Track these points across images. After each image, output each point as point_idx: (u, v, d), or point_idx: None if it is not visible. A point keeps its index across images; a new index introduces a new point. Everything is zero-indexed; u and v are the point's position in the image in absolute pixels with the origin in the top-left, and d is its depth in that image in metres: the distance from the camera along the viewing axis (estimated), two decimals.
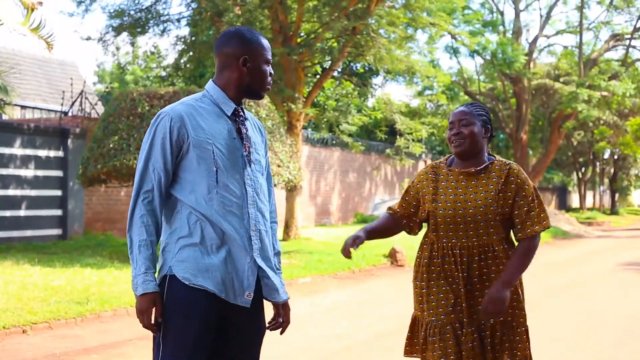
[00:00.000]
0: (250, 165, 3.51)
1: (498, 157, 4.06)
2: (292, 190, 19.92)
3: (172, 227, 3.44)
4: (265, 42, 3.57)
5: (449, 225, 3.93)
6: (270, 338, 8.46)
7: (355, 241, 3.99)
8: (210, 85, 3.56)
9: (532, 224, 3.91)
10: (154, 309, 3.33)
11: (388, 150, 27.76)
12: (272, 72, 3.62)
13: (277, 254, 3.66)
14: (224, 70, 3.53)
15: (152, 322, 3.33)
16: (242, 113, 3.56)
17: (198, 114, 3.44)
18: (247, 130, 3.55)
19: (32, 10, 10.60)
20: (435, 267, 3.96)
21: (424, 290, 3.97)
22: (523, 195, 3.92)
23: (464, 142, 3.97)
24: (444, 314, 3.89)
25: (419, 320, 4.04)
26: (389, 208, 4.25)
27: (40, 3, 10.59)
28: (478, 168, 3.97)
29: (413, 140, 25.12)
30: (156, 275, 3.39)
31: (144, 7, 22.47)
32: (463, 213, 3.90)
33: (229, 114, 3.50)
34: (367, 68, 31.23)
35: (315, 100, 25.94)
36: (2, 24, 10.68)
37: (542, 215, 3.93)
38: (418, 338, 4.03)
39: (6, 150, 18.00)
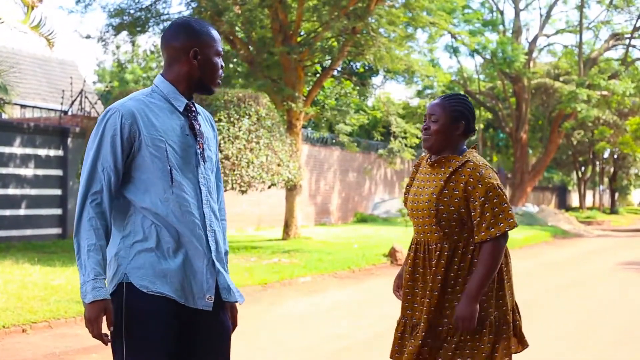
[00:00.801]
0: (204, 163, 3.36)
1: (470, 153, 3.87)
2: (291, 189, 19.93)
3: (124, 230, 3.26)
4: (215, 34, 3.42)
5: (412, 218, 3.97)
6: (271, 338, 8.48)
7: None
8: (159, 79, 3.38)
9: (488, 226, 3.69)
10: (104, 318, 3.13)
11: (381, 151, 27.80)
12: (223, 64, 3.48)
13: (226, 253, 3.48)
14: (173, 64, 3.35)
15: (102, 331, 3.14)
16: (194, 108, 3.41)
17: (149, 110, 3.27)
18: (200, 126, 3.39)
19: (32, 8, 10.60)
20: (409, 261, 3.98)
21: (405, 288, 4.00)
22: (476, 195, 3.72)
23: (430, 138, 3.89)
24: (405, 310, 3.95)
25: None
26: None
27: (40, 1, 10.58)
28: (432, 160, 3.91)
29: (406, 145, 25.17)
30: (106, 282, 3.22)
31: (143, 6, 22.46)
32: (417, 206, 3.90)
33: (181, 110, 3.34)
34: (367, 67, 31.21)
35: (315, 99, 25.93)
36: (2, 22, 10.67)
37: (500, 216, 3.69)
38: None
39: (6, 150, 18.00)
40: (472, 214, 3.74)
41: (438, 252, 3.80)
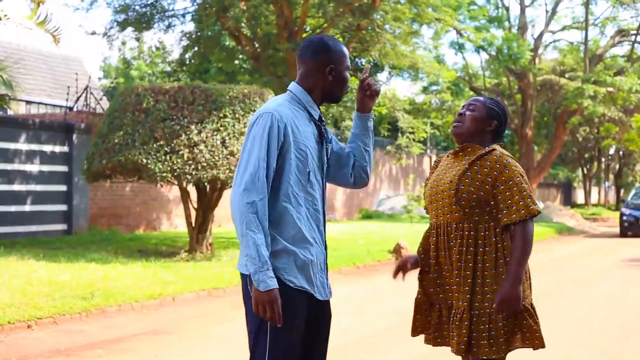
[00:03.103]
0: (328, 169, 3.83)
1: (496, 146, 4.01)
2: None
3: (272, 228, 3.55)
4: (346, 51, 3.81)
5: (431, 204, 4.03)
6: None
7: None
8: (296, 88, 3.73)
9: (518, 208, 3.82)
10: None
11: (389, 147, 27.74)
12: (350, 78, 3.88)
13: None
14: (309, 76, 3.72)
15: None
16: (322, 118, 3.79)
17: (294, 116, 3.63)
18: (327, 134, 3.82)
19: (39, 4, 10.60)
20: (432, 246, 4.06)
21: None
22: (503, 179, 3.84)
23: (462, 125, 4.04)
24: (437, 294, 4.03)
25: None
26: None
27: None
28: (458, 147, 4.04)
29: (414, 140, 25.15)
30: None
31: (149, 2, 22.48)
32: (436, 190, 3.99)
33: (316, 117, 3.73)
34: (372, 63, 31.19)
35: None
36: (8, 18, 10.68)
37: (528, 199, 3.84)
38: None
39: (11, 146, 18.02)
40: (499, 197, 3.85)
41: (460, 232, 3.87)
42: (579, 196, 70.96)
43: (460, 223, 3.88)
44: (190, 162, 13.85)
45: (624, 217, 28.11)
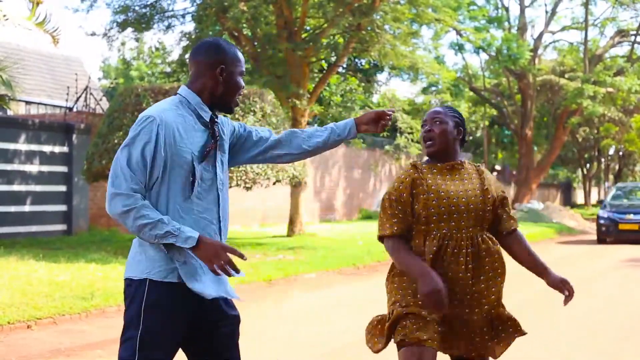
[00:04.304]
0: (221, 167, 3.62)
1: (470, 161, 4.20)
2: (296, 186, 19.92)
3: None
4: (241, 56, 3.62)
5: (443, 216, 3.91)
6: (276, 334, 8.47)
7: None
8: (185, 90, 3.57)
9: (513, 218, 4.14)
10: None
11: (387, 147, 27.75)
12: (244, 86, 3.66)
13: None
14: (199, 77, 3.55)
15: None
16: (216, 120, 3.60)
17: (179, 121, 3.46)
18: (222, 131, 3.65)
19: (37, 4, 10.60)
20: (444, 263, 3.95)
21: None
22: (502, 191, 4.10)
23: (434, 143, 4.01)
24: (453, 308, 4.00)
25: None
26: (394, 236, 3.99)
27: None
28: (459, 160, 4.07)
29: (412, 140, 25.16)
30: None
31: (148, 3, 22.47)
32: (457, 202, 3.92)
33: (207, 119, 3.54)
34: (372, 64, 31.19)
35: (320, 95, 25.92)
36: (7, 19, 10.67)
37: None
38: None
39: (11, 146, 18.02)
40: (499, 210, 4.06)
41: (481, 241, 3.95)
42: (579, 196, 70.96)
43: (481, 234, 3.96)
44: None
45: (602, 221, 24.55)
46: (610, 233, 24.23)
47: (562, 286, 4.16)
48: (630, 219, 24.01)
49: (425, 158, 4.16)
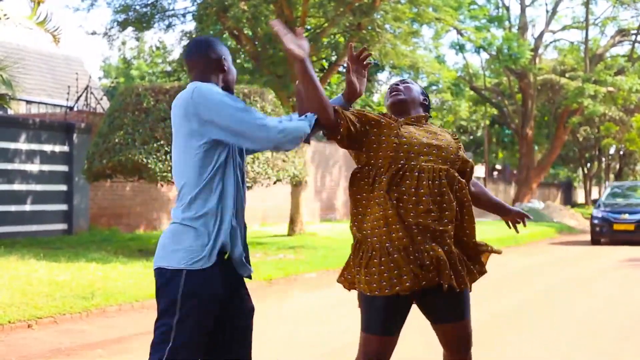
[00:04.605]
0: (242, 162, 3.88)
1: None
2: (297, 185, 19.92)
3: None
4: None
5: (414, 147, 3.90)
6: (276, 334, 8.46)
7: None
8: (210, 86, 3.70)
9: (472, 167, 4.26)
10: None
11: None
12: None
13: None
14: (207, 73, 3.80)
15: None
16: None
17: None
18: None
19: (39, 4, 10.60)
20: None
21: None
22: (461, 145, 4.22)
23: (402, 93, 4.12)
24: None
25: None
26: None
27: None
28: (412, 118, 4.08)
29: None
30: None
31: (149, 2, 22.47)
32: (427, 142, 3.95)
33: None
34: (372, 63, 31.19)
35: None
36: (8, 18, 10.68)
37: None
38: None
39: (11, 145, 18.01)
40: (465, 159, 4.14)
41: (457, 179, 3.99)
42: (580, 196, 70.95)
43: (452, 175, 3.96)
44: None
45: (596, 221, 23.55)
46: (604, 234, 23.39)
47: (518, 217, 4.45)
48: (626, 219, 23.20)
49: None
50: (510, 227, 4.56)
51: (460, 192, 3.95)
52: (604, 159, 60.70)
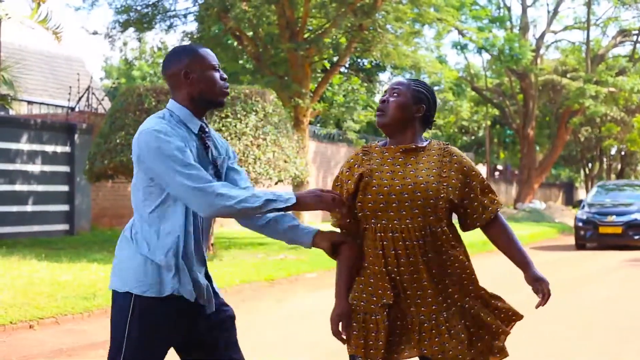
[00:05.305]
0: (219, 178, 3.56)
1: (438, 141, 3.68)
2: (298, 185, 19.92)
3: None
4: (203, 51, 3.55)
5: (380, 205, 3.50)
6: (278, 334, 8.46)
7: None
8: (173, 104, 3.56)
9: (487, 206, 3.60)
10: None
11: None
12: (225, 76, 3.60)
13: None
14: (175, 89, 3.54)
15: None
16: (207, 129, 3.57)
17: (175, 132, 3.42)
18: (211, 145, 3.58)
19: (40, 3, 10.61)
20: (369, 255, 3.59)
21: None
22: (474, 175, 3.59)
23: (385, 114, 3.61)
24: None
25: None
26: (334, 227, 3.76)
27: None
28: (420, 145, 3.59)
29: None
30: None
31: (150, 3, 22.50)
32: (400, 190, 3.47)
33: (195, 132, 3.51)
34: (374, 64, 31.21)
35: (323, 95, 25.90)
36: (9, 17, 10.69)
37: (493, 194, 3.66)
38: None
39: (13, 146, 18.02)
40: (472, 196, 3.57)
41: (422, 235, 3.48)
42: (581, 196, 70.88)
43: (426, 227, 3.49)
44: None
45: (580, 224, 21.32)
46: (589, 237, 21.25)
47: (537, 286, 3.66)
48: (613, 222, 20.94)
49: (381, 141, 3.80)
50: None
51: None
52: (605, 160, 60.64)
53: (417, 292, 3.50)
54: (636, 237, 20.75)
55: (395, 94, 3.61)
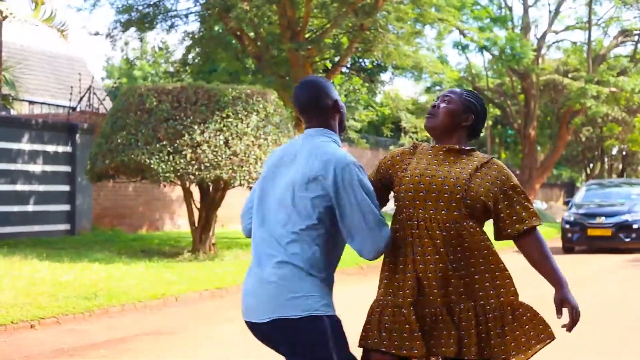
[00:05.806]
0: None
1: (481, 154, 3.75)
2: None
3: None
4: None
5: (408, 194, 3.62)
6: None
7: None
8: (329, 133, 3.78)
9: (522, 219, 3.72)
10: None
11: (391, 147, 27.76)
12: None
13: None
14: (330, 117, 3.79)
15: None
16: None
17: None
18: None
19: (40, 3, 10.62)
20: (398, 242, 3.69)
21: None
22: (512, 185, 3.68)
23: (435, 117, 3.72)
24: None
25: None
26: None
27: None
28: (465, 147, 3.69)
29: (417, 140, 25.14)
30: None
31: (152, 3, 22.49)
32: (430, 181, 3.58)
33: None
34: (375, 64, 31.20)
35: None
36: (14, 16, 10.70)
37: (530, 211, 3.76)
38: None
39: (14, 146, 18.03)
40: (506, 203, 3.67)
41: (445, 228, 3.55)
42: None
43: (450, 220, 3.55)
44: (193, 162, 13.87)
45: (567, 226, 20.37)
46: (577, 240, 20.32)
47: (560, 308, 3.88)
48: (602, 224, 20.00)
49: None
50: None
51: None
52: (606, 160, 60.62)
53: (439, 283, 3.58)
54: (627, 240, 19.87)
55: (446, 101, 3.74)
